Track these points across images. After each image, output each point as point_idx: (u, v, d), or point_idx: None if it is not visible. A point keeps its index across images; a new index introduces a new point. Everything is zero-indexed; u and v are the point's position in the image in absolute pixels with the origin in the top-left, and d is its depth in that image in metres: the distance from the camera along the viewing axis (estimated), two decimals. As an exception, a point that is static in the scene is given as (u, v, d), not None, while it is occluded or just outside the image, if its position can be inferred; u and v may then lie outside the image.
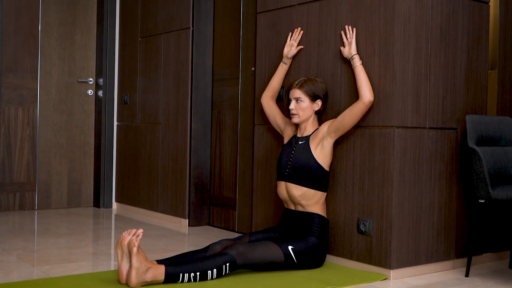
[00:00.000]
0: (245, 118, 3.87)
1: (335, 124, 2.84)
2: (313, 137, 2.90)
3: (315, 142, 2.87)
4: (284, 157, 2.97)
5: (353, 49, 2.84)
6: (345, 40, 2.88)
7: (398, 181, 2.75)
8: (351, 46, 2.85)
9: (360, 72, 2.79)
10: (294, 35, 3.20)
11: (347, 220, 2.93)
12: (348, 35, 2.87)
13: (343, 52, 2.89)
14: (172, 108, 4.29)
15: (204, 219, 4.16)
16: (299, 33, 3.18)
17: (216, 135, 4.13)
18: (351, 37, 2.86)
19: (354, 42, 2.85)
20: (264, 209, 3.41)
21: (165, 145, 4.35)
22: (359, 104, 2.77)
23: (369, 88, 2.77)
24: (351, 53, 2.84)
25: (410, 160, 2.80)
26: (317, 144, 2.86)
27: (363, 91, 2.76)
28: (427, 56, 2.86)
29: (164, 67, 4.39)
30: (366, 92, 2.76)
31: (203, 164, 4.15)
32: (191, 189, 4.10)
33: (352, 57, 2.83)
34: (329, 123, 2.87)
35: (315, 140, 2.88)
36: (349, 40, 2.86)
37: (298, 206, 2.90)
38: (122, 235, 2.50)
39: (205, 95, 4.17)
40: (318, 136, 2.87)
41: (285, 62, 3.21)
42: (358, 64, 2.80)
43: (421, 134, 2.85)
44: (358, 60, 2.82)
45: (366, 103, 2.76)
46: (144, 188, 4.57)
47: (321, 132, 2.87)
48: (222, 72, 4.11)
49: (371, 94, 2.76)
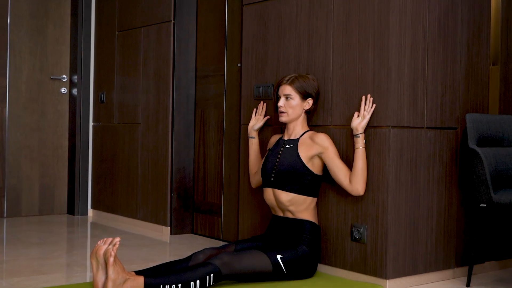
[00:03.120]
0: (230, 117, 3.87)
1: (327, 161, 2.83)
2: (302, 142, 2.90)
3: (305, 150, 2.86)
4: (269, 162, 2.97)
5: (363, 125, 2.76)
6: (361, 110, 2.79)
7: (394, 184, 2.76)
8: (363, 120, 2.76)
9: (360, 157, 2.76)
10: (259, 109, 3.26)
11: (340, 227, 2.94)
12: (367, 106, 2.78)
13: (353, 122, 2.78)
14: (152, 107, 4.29)
15: (187, 226, 4.15)
16: (263, 106, 3.23)
17: (200, 136, 4.13)
18: (368, 110, 2.77)
19: (368, 118, 2.76)
20: (251, 216, 3.41)
21: (144, 147, 4.35)
22: (346, 187, 2.80)
23: (364, 180, 2.76)
24: (358, 129, 2.77)
25: (406, 162, 2.81)
26: (308, 155, 2.85)
27: (356, 182, 2.76)
28: (424, 51, 2.88)
29: (144, 63, 4.38)
30: (358, 184, 2.76)
31: (186, 167, 4.15)
32: (173, 194, 4.09)
33: (357, 134, 2.77)
34: (325, 147, 2.82)
35: (305, 148, 2.87)
36: (364, 113, 2.77)
37: (287, 212, 2.91)
38: (97, 244, 2.49)
39: (188, 93, 4.17)
40: (311, 150, 2.85)
41: (252, 137, 3.22)
42: (361, 147, 2.76)
43: (418, 134, 2.86)
44: (363, 141, 2.77)
45: (353, 194, 2.79)
46: (122, 194, 4.56)
47: (315, 149, 2.85)
48: (206, 68, 4.11)
49: (362, 189, 2.77)
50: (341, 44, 2.95)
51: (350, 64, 2.91)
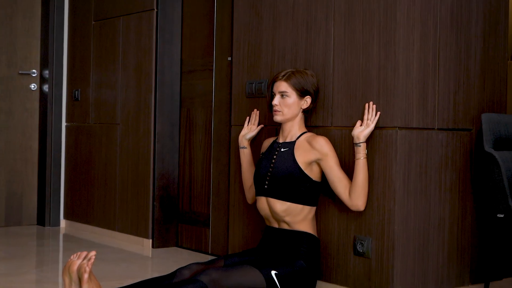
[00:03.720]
0: (220, 117, 3.87)
1: (326, 170, 2.84)
2: (299, 145, 2.89)
3: (302, 154, 2.86)
4: (262, 168, 2.96)
5: (366, 134, 2.77)
6: (364, 118, 2.81)
7: (402, 192, 2.77)
8: (366, 129, 2.77)
9: (361, 169, 2.76)
10: (252, 118, 3.27)
11: (342, 239, 2.94)
12: (370, 114, 2.79)
13: (354, 130, 2.79)
14: (133, 105, 4.29)
15: (171, 239, 4.16)
16: (257, 114, 3.25)
17: (186, 137, 4.13)
18: (372, 119, 2.78)
19: (372, 127, 2.77)
20: (243, 227, 3.40)
21: (124, 150, 4.34)
22: (345, 201, 2.81)
23: (364, 195, 2.78)
24: (360, 138, 2.77)
25: (415, 167, 2.82)
26: (305, 160, 2.85)
27: (356, 196, 2.78)
28: (435, 44, 2.89)
29: (123, 57, 4.38)
30: (358, 199, 2.78)
31: (170, 172, 4.15)
32: (155, 203, 4.09)
33: (358, 143, 2.77)
34: (324, 153, 2.82)
35: (303, 152, 2.86)
36: (368, 122, 2.78)
37: (283, 223, 2.91)
38: (70, 259, 2.49)
39: (172, 90, 4.17)
40: (308, 155, 2.85)
41: (244, 146, 3.22)
42: (362, 158, 2.77)
43: (428, 136, 2.87)
44: (364, 151, 2.77)
45: (352, 209, 2.81)
46: (98, 202, 4.55)
47: (313, 155, 2.84)
48: (192, 62, 4.10)
49: (363, 204, 2.79)
50: (343, 36, 2.95)
51: (353, 58, 2.91)
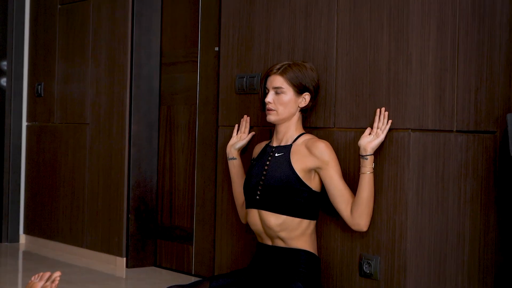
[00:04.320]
0: (205, 116, 3.87)
1: (325, 180, 2.83)
2: (296, 149, 2.89)
3: (300, 160, 2.86)
4: (254, 176, 2.96)
5: (374, 146, 2.76)
6: (374, 127, 2.79)
7: (415, 204, 2.76)
8: (376, 139, 2.76)
9: (366, 184, 2.76)
10: (242, 127, 3.26)
11: (346, 258, 2.94)
12: (381, 122, 2.78)
13: (362, 139, 2.78)
14: (105, 102, 4.29)
15: (148, 257, 4.16)
16: (247, 121, 3.26)
17: (166, 140, 4.13)
18: (382, 129, 2.77)
19: (383, 137, 2.76)
20: (232, 244, 3.40)
21: (94, 154, 4.34)
22: (346, 218, 2.82)
23: (368, 214, 2.78)
24: (367, 150, 2.76)
25: (431, 175, 2.81)
26: (303, 167, 2.85)
27: (359, 215, 2.78)
28: (454, 34, 2.89)
29: (94, 46, 4.39)
30: (361, 218, 2.78)
31: (148, 180, 4.15)
32: (130, 215, 4.10)
33: (365, 156, 2.76)
34: (324, 161, 2.81)
35: (300, 157, 2.86)
36: (378, 132, 2.77)
37: (277, 240, 2.90)
38: (31, 281, 2.47)
39: (151, 85, 4.18)
40: (306, 161, 2.85)
41: (233, 157, 3.23)
42: (368, 172, 2.76)
43: (446, 139, 2.87)
44: (371, 164, 2.77)
45: (354, 228, 2.82)
46: (64, 215, 4.55)
47: (312, 162, 2.84)
48: (174, 53, 4.11)
49: (365, 224, 2.79)
50: (348, 24, 2.96)
51: (359, 49, 2.91)
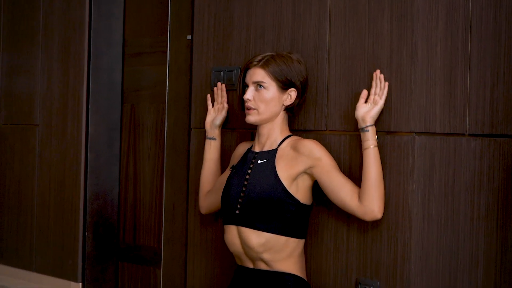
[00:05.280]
0: (176, 116, 3.85)
1: (322, 177, 2.81)
2: (282, 154, 2.88)
3: (286, 166, 2.86)
4: (233, 187, 2.95)
5: (374, 115, 2.77)
6: (371, 93, 2.80)
7: (421, 219, 2.77)
8: (374, 107, 2.77)
9: (372, 161, 2.74)
10: (217, 95, 3.26)
11: (340, 283, 2.93)
12: (378, 87, 2.80)
13: (358, 110, 2.79)
14: (57, 100, 4.28)
15: (108, 282, 4.15)
16: (222, 89, 3.26)
17: (129, 144, 4.13)
18: (380, 94, 2.78)
19: (382, 104, 2.77)
20: (206, 266, 3.40)
21: (45, 161, 4.33)
22: (355, 209, 2.75)
23: (380, 196, 2.73)
24: (366, 120, 2.76)
25: (439, 185, 2.82)
26: (291, 173, 2.85)
27: (370, 199, 2.72)
28: (466, 20, 2.90)
29: (44, 34, 4.38)
30: (373, 202, 2.71)
31: (107, 192, 4.16)
32: (87, 233, 4.09)
33: (366, 127, 2.78)
34: (316, 158, 2.80)
35: (287, 163, 2.86)
36: (376, 98, 2.78)
37: (259, 262, 2.89)
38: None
39: (111, 79, 4.18)
40: (295, 166, 2.84)
41: (213, 137, 3.24)
42: (372, 146, 2.76)
43: (456, 144, 2.88)
44: (374, 137, 2.77)
45: (366, 219, 2.75)
46: (9, 232, 4.54)
47: (301, 164, 2.83)
48: (139, 41, 4.12)
49: (379, 209, 2.73)
50: (343, 9, 2.95)
51: (355, 38, 2.91)
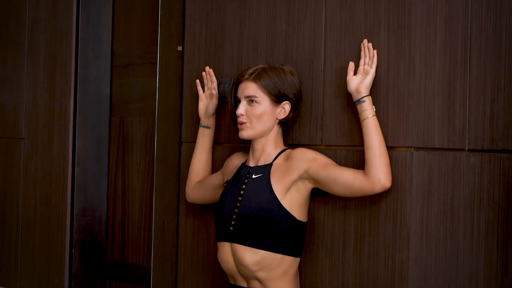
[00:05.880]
0: (166, 130, 3.86)
1: (320, 173, 2.82)
2: (277, 168, 2.91)
3: (281, 179, 2.88)
4: (227, 203, 2.97)
5: (367, 84, 2.79)
6: (360, 64, 2.81)
7: (419, 238, 2.77)
8: (366, 77, 2.79)
9: (373, 130, 2.74)
10: (207, 82, 3.29)
11: None
12: (367, 57, 2.82)
13: (350, 83, 2.81)
14: (44, 112, 4.31)
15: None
16: (210, 73, 3.29)
17: (118, 159, 4.16)
18: (369, 62, 2.81)
19: (373, 72, 2.79)
20: (197, 285, 3.42)
21: (30, 176, 4.37)
22: (361, 184, 2.74)
23: (386, 164, 2.72)
24: (361, 91, 2.78)
25: (438, 203, 2.82)
26: (286, 185, 2.87)
27: (375, 169, 2.72)
28: (465, 31, 2.91)
29: (31, 43, 4.42)
30: (379, 171, 2.71)
31: (95, 208, 4.18)
32: (74, 250, 4.12)
33: (361, 99, 2.78)
34: (310, 159, 2.84)
35: (281, 176, 2.88)
36: (366, 68, 2.80)
37: (254, 281, 2.91)
38: None
39: (100, 91, 4.21)
40: (289, 175, 2.87)
41: (207, 126, 3.27)
42: (371, 115, 2.76)
43: (456, 160, 2.88)
44: (371, 106, 2.76)
45: (376, 190, 2.73)
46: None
47: (295, 170, 2.86)
48: (128, 53, 4.15)
49: (386, 177, 2.71)
50: (338, 19, 2.97)
51: (351, 50, 2.92)
